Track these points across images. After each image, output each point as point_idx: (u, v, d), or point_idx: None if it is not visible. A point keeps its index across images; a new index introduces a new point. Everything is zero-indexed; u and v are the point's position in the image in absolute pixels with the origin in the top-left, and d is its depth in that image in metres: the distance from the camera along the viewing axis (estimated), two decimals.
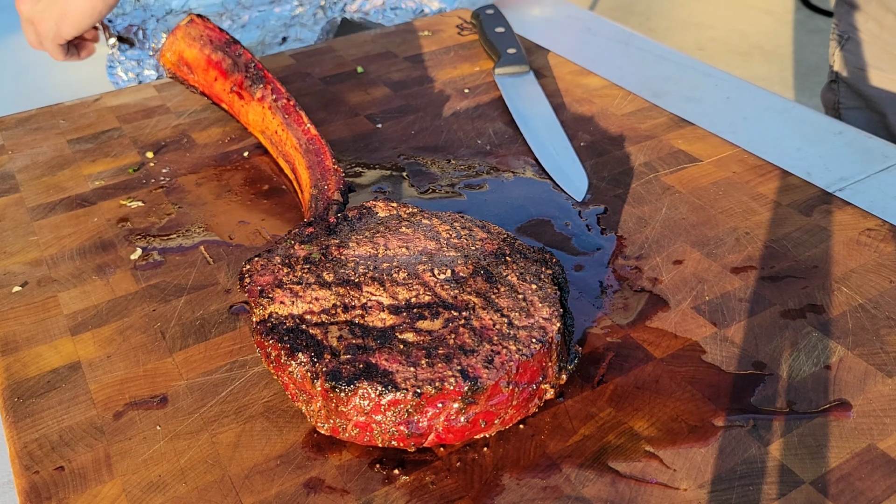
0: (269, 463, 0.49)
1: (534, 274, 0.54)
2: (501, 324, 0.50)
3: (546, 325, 0.50)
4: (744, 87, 0.94)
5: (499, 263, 0.55)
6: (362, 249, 0.56)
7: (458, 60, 0.97)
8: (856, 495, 0.46)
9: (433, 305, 0.51)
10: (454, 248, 0.57)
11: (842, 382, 0.53)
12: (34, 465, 0.49)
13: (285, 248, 0.57)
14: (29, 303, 0.61)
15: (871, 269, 0.62)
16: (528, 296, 0.52)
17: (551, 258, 0.57)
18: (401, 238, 0.57)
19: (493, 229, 0.59)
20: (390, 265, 0.55)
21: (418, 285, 0.53)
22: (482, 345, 0.48)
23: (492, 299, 0.52)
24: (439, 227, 0.59)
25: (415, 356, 0.48)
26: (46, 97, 0.96)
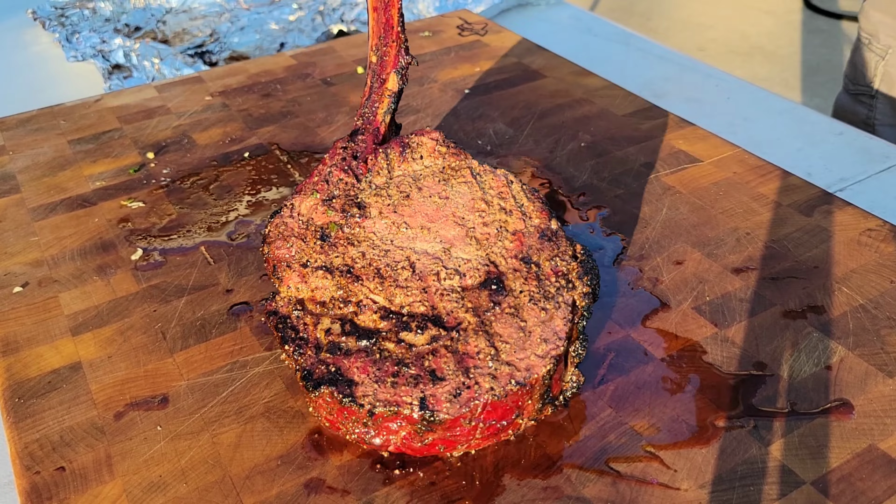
0: (270, 463, 0.49)
1: (554, 294, 0.50)
2: (486, 354, 0.47)
3: (534, 366, 0.47)
4: (744, 87, 0.94)
5: (519, 272, 0.51)
6: (382, 223, 0.54)
7: (459, 61, 0.97)
8: (856, 495, 0.46)
9: (423, 319, 0.49)
10: (479, 240, 0.53)
11: (842, 383, 0.53)
12: (35, 465, 0.49)
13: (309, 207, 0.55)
14: (30, 303, 0.61)
15: (871, 269, 0.62)
16: (530, 324, 0.49)
17: (589, 269, 0.52)
18: (426, 213, 0.54)
19: (539, 213, 0.54)
20: (400, 256, 0.53)
21: (418, 290, 0.51)
22: (455, 374, 0.47)
23: (488, 321, 0.49)
24: (477, 200, 0.55)
25: (385, 370, 0.47)
26: (47, 98, 0.96)
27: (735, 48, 2.95)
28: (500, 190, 0.56)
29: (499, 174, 0.57)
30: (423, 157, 0.58)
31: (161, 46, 1.09)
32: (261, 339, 0.57)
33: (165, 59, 1.05)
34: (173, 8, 1.19)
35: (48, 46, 1.11)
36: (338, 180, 0.57)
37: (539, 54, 0.98)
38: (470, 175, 0.57)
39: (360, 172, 0.57)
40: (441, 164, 0.57)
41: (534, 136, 0.81)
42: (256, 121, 0.86)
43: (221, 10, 1.20)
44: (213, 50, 1.11)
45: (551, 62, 0.96)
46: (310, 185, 0.57)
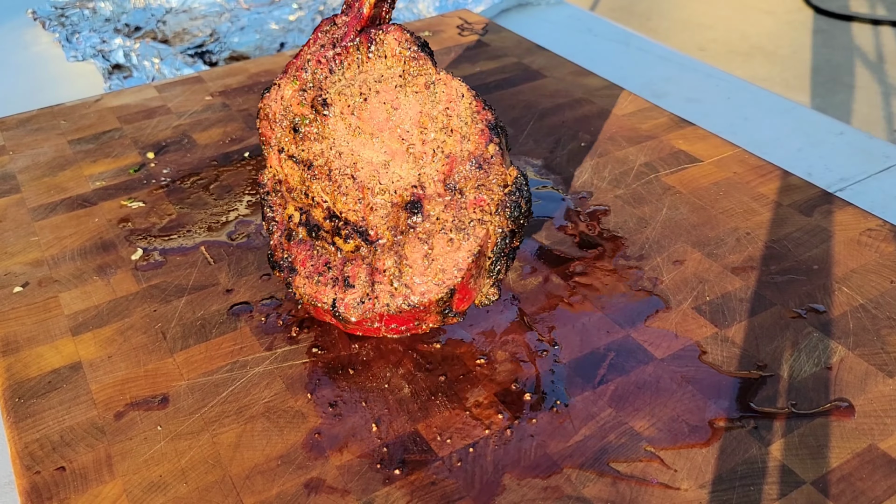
0: (270, 463, 0.49)
1: (466, 225, 0.51)
2: (391, 273, 0.52)
3: (428, 292, 0.51)
4: (745, 87, 0.94)
5: (442, 198, 0.52)
6: (341, 124, 0.55)
7: (459, 61, 0.97)
8: (857, 495, 0.46)
9: (353, 229, 0.55)
10: (416, 158, 0.53)
11: (843, 383, 0.53)
12: (35, 465, 0.49)
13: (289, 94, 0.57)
14: (30, 303, 0.61)
15: (871, 269, 0.62)
16: (435, 252, 0.51)
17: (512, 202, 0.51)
18: (377, 121, 0.54)
19: (477, 137, 0.52)
20: (349, 161, 0.55)
21: (354, 200, 0.55)
22: (364, 285, 0.53)
23: (401, 242, 0.53)
24: (424, 115, 0.53)
25: (316, 267, 0.55)
26: (47, 98, 0.96)
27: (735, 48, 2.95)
28: (448, 105, 0.53)
29: (452, 85, 0.53)
30: (385, 56, 0.55)
31: (161, 46, 1.09)
32: (261, 338, 0.57)
33: (165, 58, 1.05)
34: (173, 8, 1.19)
35: (48, 46, 1.11)
36: (314, 69, 0.56)
37: (539, 54, 0.98)
38: (424, 85, 0.54)
39: (335, 64, 0.55)
40: (401, 67, 0.54)
41: (534, 135, 0.81)
42: None
43: (221, 9, 1.20)
44: (213, 50, 1.11)
45: (551, 62, 0.96)
46: (293, 67, 0.57)
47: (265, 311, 0.60)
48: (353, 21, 0.55)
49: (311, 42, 0.57)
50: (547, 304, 0.60)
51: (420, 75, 0.54)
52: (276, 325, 0.58)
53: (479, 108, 0.52)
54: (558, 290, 0.61)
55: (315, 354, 0.56)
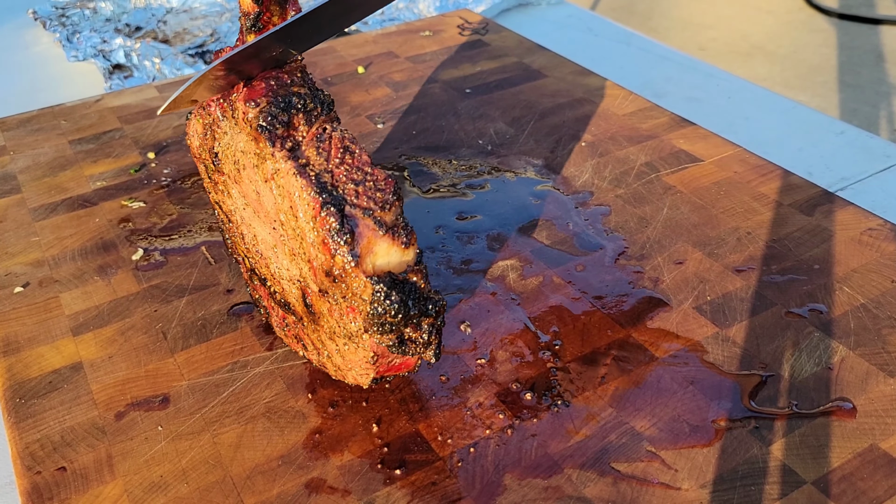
0: (271, 463, 0.49)
1: (354, 332, 0.45)
2: (325, 355, 0.51)
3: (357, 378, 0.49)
4: (745, 86, 0.94)
5: (325, 298, 0.46)
6: (234, 189, 0.50)
7: (460, 61, 0.97)
8: (858, 495, 0.46)
9: (280, 298, 0.52)
10: (290, 252, 0.47)
11: (844, 382, 0.53)
12: (36, 465, 0.49)
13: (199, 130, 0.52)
14: (31, 303, 0.61)
15: (872, 268, 0.62)
16: (341, 349, 0.48)
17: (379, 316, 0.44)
18: (253, 201, 0.48)
19: (321, 249, 0.44)
20: (249, 233, 0.51)
21: (269, 273, 0.52)
22: (313, 352, 0.52)
23: (316, 329, 0.50)
24: (278, 209, 0.46)
25: (277, 321, 0.55)
26: (48, 98, 0.96)
27: (736, 48, 2.94)
28: (292, 203, 0.45)
29: (289, 180, 0.44)
30: (239, 125, 0.47)
31: (162, 46, 1.09)
32: (261, 339, 0.57)
33: (166, 58, 1.05)
34: (174, 8, 1.19)
35: (49, 46, 1.11)
36: (207, 116, 0.50)
37: (540, 54, 0.98)
38: (270, 174, 0.46)
39: (220, 113, 0.49)
40: (253, 145, 0.46)
41: (534, 135, 0.81)
42: None
43: (222, 9, 1.20)
44: (213, 50, 1.11)
45: (552, 62, 0.96)
46: (197, 108, 0.52)
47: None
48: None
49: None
50: (548, 304, 0.60)
51: (267, 159, 0.46)
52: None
53: (316, 212, 0.43)
54: (559, 290, 0.61)
55: None
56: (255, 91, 0.46)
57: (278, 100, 0.45)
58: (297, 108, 0.45)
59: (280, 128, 0.45)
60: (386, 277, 0.43)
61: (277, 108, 0.45)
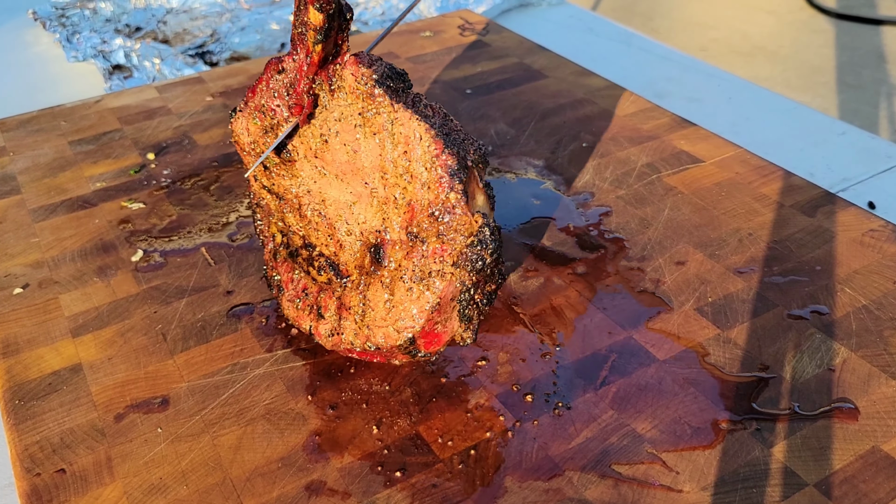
0: (271, 465, 0.48)
1: (426, 276, 0.48)
2: (356, 312, 0.52)
3: (389, 337, 0.50)
4: (746, 87, 0.94)
5: (403, 245, 0.50)
6: (307, 165, 0.54)
7: (460, 61, 0.97)
8: (859, 497, 0.46)
9: (326, 261, 0.55)
10: (379, 202, 0.51)
11: (845, 384, 0.52)
12: (35, 467, 0.49)
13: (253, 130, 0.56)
14: (30, 305, 0.61)
15: (874, 269, 0.62)
16: (396, 299, 0.49)
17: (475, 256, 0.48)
18: (340, 163, 0.53)
19: (436, 185, 0.48)
20: (317, 199, 0.55)
21: (325, 235, 0.55)
22: (333, 318, 0.53)
23: (366, 283, 0.52)
24: (383, 159, 0.51)
25: (296, 290, 0.56)
26: (48, 98, 0.96)
27: (737, 48, 2.94)
28: (406, 148, 0.50)
29: (410, 126, 0.49)
30: (344, 93, 0.52)
31: (162, 47, 1.09)
32: (261, 340, 0.57)
33: (166, 59, 1.05)
34: (174, 8, 1.19)
35: (49, 47, 1.11)
36: (271, 118, 0.55)
37: (540, 54, 0.98)
38: (382, 126, 0.50)
39: (293, 108, 0.53)
40: (360, 105, 0.51)
41: (535, 136, 0.81)
42: None
43: (222, 10, 1.20)
44: (213, 50, 1.11)
45: (553, 62, 0.96)
46: (251, 103, 0.56)
47: (266, 312, 0.60)
48: (302, 67, 0.52)
49: (265, 84, 0.55)
50: (548, 306, 0.60)
51: (378, 114, 0.50)
52: (276, 327, 0.58)
53: (439, 151, 0.48)
54: (560, 292, 0.61)
55: (316, 356, 0.56)
56: (360, 60, 0.51)
57: (384, 65, 0.51)
58: (399, 75, 0.52)
59: (392, 86, 0.51)
60: (487, 219, 0.48)
61: (388, 70, 0.51)
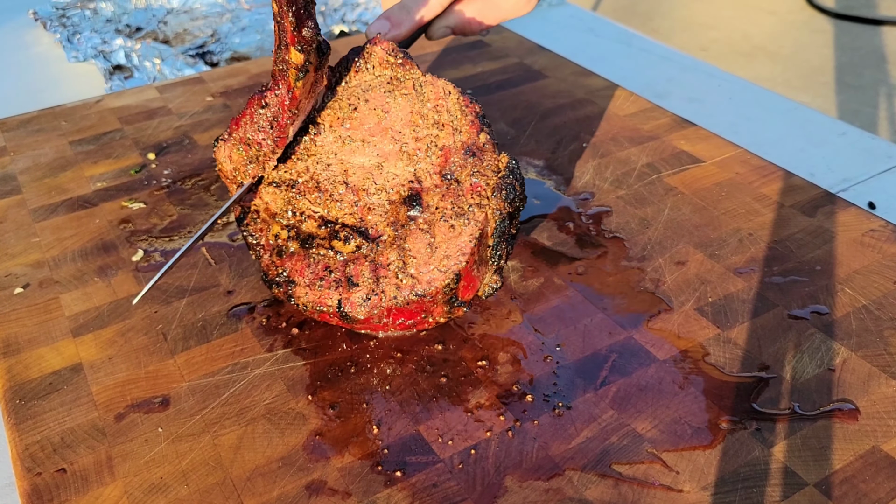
0: (271, 465, 0.48)
1: (465, 211, 0.53)
2: (396, 266, 0.53)
3: (434, 279, 0.52)
4: (747, 87, 0.94)
5: (439, 188, 0.54)
6: (330, 137, 0.58)
7: (461, 61, 0.97)
8: (859, 497, 0.46)
9: (352, 230, 0.55)
10: (410, 155, 0.56)
11: (846, 384, 0.52)
12: (36, 467, 0.49)
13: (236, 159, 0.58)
14: (31, 304, 0.61)
15: (874, 270, 0.62)
16: (438, 240, 0.53)
17: (507, 184, 0.53)
18: (368, 127, 0.57)
19: (469, 127, 0.55)
20: (339, 170, 0.57)
21: (350, 204, 0.56)
22: (368, 282, 0.54)
23: (403, 236, 0.54)
24: (414, 114, 0.57)
25: (315, 274, 0.55)
26: (48, 99, 0.96)
27: (737, 48, 2.94)
28: (437, 102, 0.56)
29: (438, 84, 0.57)
30: (374, 66, 0.58)
31: (162, 47, 1.09)
32: (262, 340, 0.57)
33: (166, 59, 1.05)
34: (174, 8, 1.19)
35: (49, 47, 1.11)
36: (257, 147, 0.58)
37: (541, 54, 0.98)
38: (412, 87, 0.57)
39: (277, 140, 0.57)
40: (389, 74, 0.58)
41: (535, 136, 0.81)
42: None
43: (223, 10, 1.20)
44: (214, 50, 1.11)
45: (553, 62, 0.96)
46: (236, 134, 0.58)
47: (266, 312, 0.60)
48: (284, 101, 0.55)
49: (248, 118, 0.57)
50: (548, 306, 0.60)
51: (408, 79, 0.57)
52: (277, 327, 0.58)
53: (467, 102, 0.56)
54: (560, 291, 0.61)
55: (316, 356, 0.56)
56: (384, 44, 0.58)
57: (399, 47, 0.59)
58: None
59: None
60: (510, 156, 0.55)
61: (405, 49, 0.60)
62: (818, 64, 2.78)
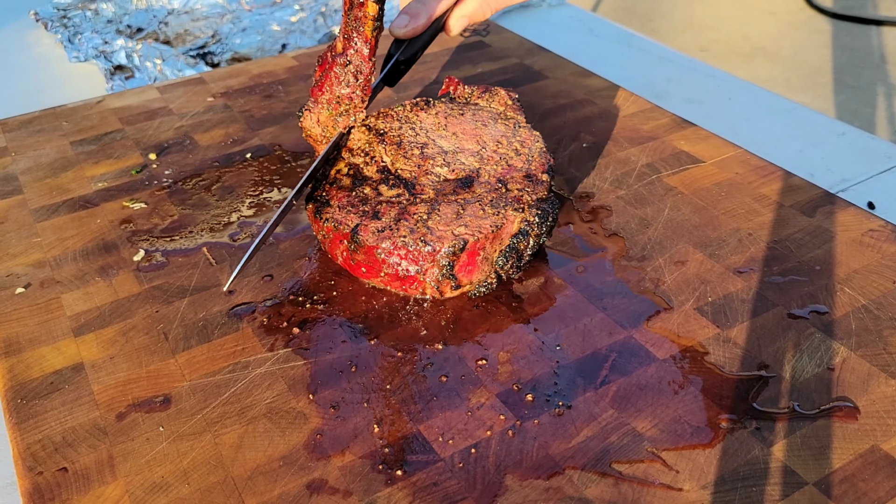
0: (272, 464, 0.49)
1: (501, 207, 0.60)
2: (420, 217, 0.59)
3: (444, 238, 0.58)
4: (746, 88, 0.94)
5: (490, 185, 0.62)
6: (432, 120, 0.69)
7: (461, 62, 0.97)
8: (859, 496, 0.46)
9: (403, 180, 0.63)
10: (483, 158, 0.65)
11: (845, 384, 0.53)
12: (37, 466, 0.49)
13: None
14: (32, 304, 0.61)
15: (873, 269, 0.62)
16: (466, 214, 0.59)
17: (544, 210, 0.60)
18: (464, 128, 0.68)
19: (539, 166, 0.64)
20: (423, 140, 0.66)
21: (415, 164, 0.64)
22: (389, 220, 0.59)
23: (440, 201, 0.61)
24: (503, 138, 0.67)
25: (350, 202, 0.61)
26: (49, 99, 0.96)
27: (737, 49, 2.95)
28: (525, 140, 0.67)
29: (533, 133, 0.68)
30: (494, 100, 0.72)
31: (163, 47, 1.09)
32: (263, 340, 0.57)
33: (167, 60, 1.05)
34: (175, 9, 1.19)
35: (50, 48, 1.12)
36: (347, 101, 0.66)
37: (541, 55, 0.98)
38: (512, 124, 0.69)
39: (364, 89, 0.66)
40: (502, 110, 0.71)
41: None
42: (258, 122, 0.86)
43: (223, 11, 1.20)
44: (215, 51, 1.11)
45: (553, 63, 0.96)
46: (321, 101, 0.67)
47: (267, 312, 0.60)
48: (362, 52, 0.65)
49: (335, 77, 0.66)
50: (549, 305, 0.60)
51: (512, 119, 0.70)
52: (277, 326, 0.58)
53: (546, 151, 0.66)
54: (560, 292, 0.61)
55: (317, 355, 0.56)
56: (508, 90, 0.75)
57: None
58: None
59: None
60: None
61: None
62: (817, 64, 2.78)
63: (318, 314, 0.60)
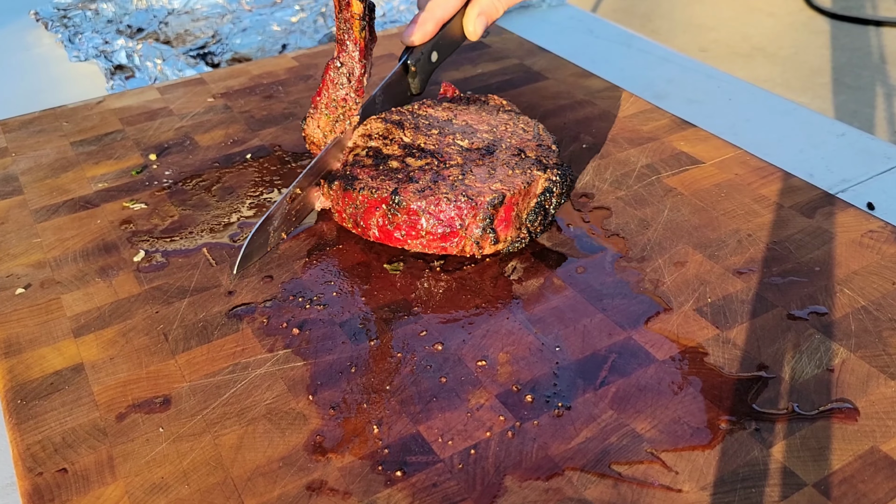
0: (272, 465, 0.49)
1: (525, 168, 0.65)
2: (455, 177, 0.63)
3: (483, 192, 0.61)
4: (746, 88, 0.94)
5: (510, 152, 0.67)
6: (441, 112, 0.73)
7: (460, 62, 0.97)
8: (858, 498, 0.46)
9: (427, 151, 0.66)
10: (498, 133, 0.69)
11: (844, 385, 0.53)
12: (37, 466, 0.49)
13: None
14: (32, 305, 0.61)
15: (873, 270, 0.62)
16: (497, 173, 0.64)
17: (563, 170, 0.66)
18: (473, 116, 0.72)
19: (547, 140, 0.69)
20: (438, 124, 0.70)
21: (436, 140, 0.68)
22: (427, 182, 0.62)
23: (471, 163, 0.65)
24: (510, 122, 0.71)
25: (379, 173, 0.64)
26: (50, 99, 0.96)
27: (737, 49, 2.95)
28: (525, 126, 0.71)
29: (531, 120, 0.72)
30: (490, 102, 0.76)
31: (163, 47, 1.09)
32: (262, 340, 0.57)
33: (168, 60, 1.05)
34: (176, 9, 1.20)
35: (51, 47, 1.12)
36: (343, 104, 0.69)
37: (541, 56, 0.98)
38: (512, 114, 0.73)
39: (357, 91, 0.68)
40: (502, 107, 0.74)
41: None
42: (258, 122, 0.86)
43: (224, 11, 1.20)
44: (215, 51, 1.11)
45: (553, 63, 0.96)
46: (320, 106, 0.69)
47: (267, 312, 0.60)
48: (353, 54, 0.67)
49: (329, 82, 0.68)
50: (548, 306, 0.60)
51: (511, 111, 0.74)
52: (277, 327, 0.59)
53: (547, 132, 0.71)
54: (560, 292, 0.61)
55: (316, 356, 0.56)
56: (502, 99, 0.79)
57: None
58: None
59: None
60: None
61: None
62: (817, 65, 2.78)
63: (318, 315, 0.60)
